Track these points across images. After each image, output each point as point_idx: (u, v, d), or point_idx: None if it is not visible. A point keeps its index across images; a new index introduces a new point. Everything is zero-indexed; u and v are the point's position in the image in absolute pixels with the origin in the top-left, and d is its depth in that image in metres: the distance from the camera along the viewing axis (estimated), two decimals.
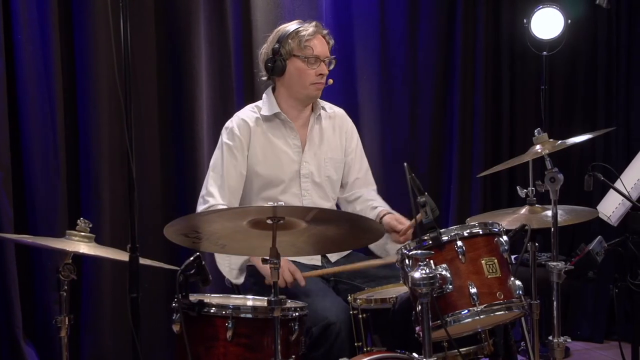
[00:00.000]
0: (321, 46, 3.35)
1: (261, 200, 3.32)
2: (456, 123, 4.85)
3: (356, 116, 4.43)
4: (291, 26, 3.37)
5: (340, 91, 4.41)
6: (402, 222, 3.24)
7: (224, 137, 3.36)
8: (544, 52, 4.72)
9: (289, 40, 3.33)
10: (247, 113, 3.42)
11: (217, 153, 3.38)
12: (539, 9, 4.66)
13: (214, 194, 3.27)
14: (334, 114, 3.55)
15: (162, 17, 3.98)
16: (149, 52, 3.94)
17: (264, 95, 3.46)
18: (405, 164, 2.54)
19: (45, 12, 3.61)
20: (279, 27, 3.42)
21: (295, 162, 3.38)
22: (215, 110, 4.13)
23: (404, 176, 2.54)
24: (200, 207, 3.29)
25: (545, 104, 4.76)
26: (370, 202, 3.55)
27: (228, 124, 3.40)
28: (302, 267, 3.20)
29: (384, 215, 3.30)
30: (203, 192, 3.33)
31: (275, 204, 2.31)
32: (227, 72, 4.15)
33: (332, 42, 3.42)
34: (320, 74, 3.34)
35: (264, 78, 3.46)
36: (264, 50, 3.42)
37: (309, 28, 3.34)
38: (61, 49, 3.68)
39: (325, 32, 3.40)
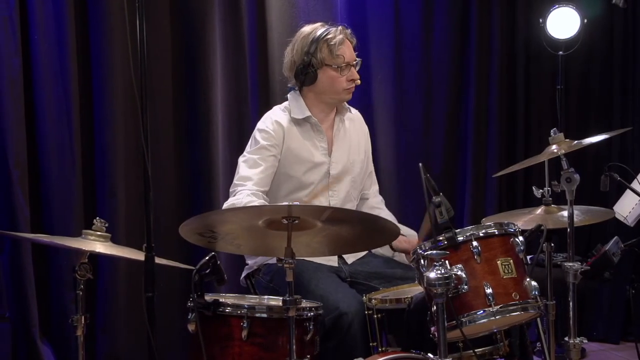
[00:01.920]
0: (350, 51, 3.36)
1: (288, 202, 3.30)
2: (471, 123, 4.83)
3: (370, 116, 4.43)
4: (317, 32, 3.35)
5: (355, 91, 4.40)
6: (412, 244, 3.26)
7: (257, 136, 3.33)
8: (560, 52, 4.69)
9: (320, 50, 3.31)
10: (279, 114, 3.40)
11: (249, 150, 3.35)
12: (555, 9, 4.63)
13: (251, 177, 3.25)
14: (353, 116, 3.57)
15: (178, 18, 3.99)
16: (165, 52, 3.95)
17: (290, 97, 3.45)
18: (420, 164, 2.54)
19: (61, 12, 3.62)
20: (303, 32, 3.39)
21: (325, 163, 3.38)
22: (230, 111, 4.13)
23: (419, 176, 2.54)
24: (237, 189, 3.23)
25: (561, 103, 4.74)
26: (376, 211, 3.56)
27: (261, 125, 3.38)
28: (320, 266, 3.20)
29: None
30: (235, 180, 3.28)
31: (290, 204, 2.31)
32: (242, 73, 4.15)
33: (354, 41, 3.42)
34: (352, 80, 3.36)
35: (290, 85, 3.46)
36: (289, 57, 3.40)
37: (337, 35, 3.33)
38: (77, 49, 3.69)
39: (349, 32, 3.40)
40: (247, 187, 3.21)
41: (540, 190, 3.13)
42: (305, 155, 3.36)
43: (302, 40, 3.37)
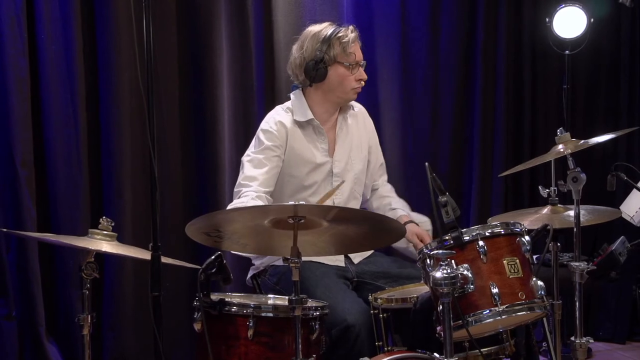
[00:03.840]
0: (359, 51, 3.39)
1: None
2: (477, 122, 4.82)
3: (377, 116, 4.43)
4: (329, 30, 3.36)
5: (361, 90, 4.40)
6: (423, 239, 3.28)
7: (261, 137, 3.35)
8: (566, 51, 4.68)
9: (333, 47, 3.33)
10: (282, 115, 3.41)
11: (253, 150, 3.36)
12: (561, 8, 4.62)
13: (257, 177, 3.25)
14: (356, 112, 3.57)
15: (184, 17, 4.00)
16: (171, 52, 3.96)
17: (293, 97, 3.46)
18: (426, 163, 2.54)
19: (68, 12, 3.64)
20: (312, 31, 3.40)
21: (327, 163, 3.39)
22: (236, 110, 4.14)
23: (425, 176, 2.54)
24: (242, 191, 3.23)
25: (567, 103, 4.72)
26: (387, 199, 3.57)
27: (265, 125, 3.38)
28: (326, 268, 3.20)
29: (404, 224, 3.29)
30: (240, 179, 3.29)
31: (296, 203, 2.32)
32: (248, 72, 4.16)
33: (360, 43, 3.45)
34: (360, 79, 3.37)
35: (296, 83, 3.46)
36: (298, 54, 3.40)
37: (349, 33, 3.36)
38: (84, 49, 3.71)
39: (357, 33, 3.42)
40: (252, 188, 3.22)
41: (547, 190, 3.12)
42: (308, 156, 3.36)
43: (312, 37, 3.37)
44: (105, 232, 2.70)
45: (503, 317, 2.48)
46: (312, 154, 3.37)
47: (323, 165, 3.37)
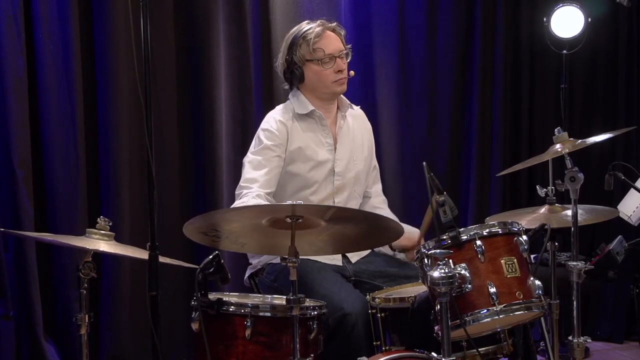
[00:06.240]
0: (331, 43, 3.36)
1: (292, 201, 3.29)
2: (475, 122, 4.83)
3: (375, 115, 4.43)
4: (295, 32, 3.39)
5: (359, 90, 4.41)
6: (413, 241, 3.28)
7: (261, 136, 3.34)
8: (564, 51, 4.69)
9: (299, 47, 3.34)
10: (282, 113, 3.40)
11: (253, 151, 3.35)
12: (559, 8, 4.63)
13: (257, 179, 3.24)
14: (356, 112, 3.57)
15: (182, 17, 4.00)
16: (169, 51, 3.96)
17: (291, 95, 3.45)
18: (424, 163, 2.54)
19: (65, 11, 3.63)
20: (288, 34, 3.43)
21: (330, 160, 3.38)
22: (234, 110, 4.14)
23: (423, 175, 2.54)
24: (244, 192, 3.22)
25: (565, 102, 4.73)
26: (378, 210, 3.56)
27: (265, 125, 3.38)
28: (324, 266, 3.20)
29: None
30: (241, 182, 3.27)
31: (294, 203, 2.32)
32: (246, 72, 4.16)
33: (343, 32, 3.43)
34: (339, 71, 3.35)
35: (286, 87, 3.48)
36: (279, 60, 3.44)
37: (314, 29, 3.35)
38: (81, 48, 3.70)
39: (332, 25, 3.40)
40: (253, 190, 3.21)
41: (544, 190, 3.13)
42: (309, 153, 3.36)
43: (285, 42, 3.41)
44: (102, 231, 2.70)
45: (501, 316, 2.48)
46: (314, 151, 3.36)
47: (325, 163, 3.36)
